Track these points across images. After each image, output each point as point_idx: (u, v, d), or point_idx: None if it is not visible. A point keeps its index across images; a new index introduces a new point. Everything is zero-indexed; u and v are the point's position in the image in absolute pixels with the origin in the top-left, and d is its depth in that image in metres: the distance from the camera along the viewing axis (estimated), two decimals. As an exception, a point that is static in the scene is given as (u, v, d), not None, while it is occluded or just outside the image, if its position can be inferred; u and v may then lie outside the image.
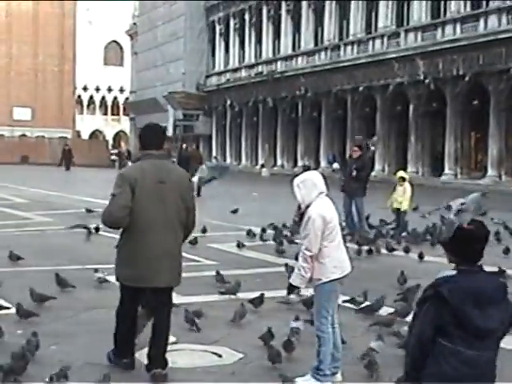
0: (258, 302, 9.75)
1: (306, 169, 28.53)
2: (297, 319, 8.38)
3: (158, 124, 7.68)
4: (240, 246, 15.45)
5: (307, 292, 9.11)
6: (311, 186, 6.97)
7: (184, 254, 14.16)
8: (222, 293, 10.57)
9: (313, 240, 6.83)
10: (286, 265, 12.04)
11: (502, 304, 4.24)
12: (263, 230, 17.17)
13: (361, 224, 17.74)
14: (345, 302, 9.71)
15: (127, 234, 6.98)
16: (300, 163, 56.10)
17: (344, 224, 17.74)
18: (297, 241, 14.86)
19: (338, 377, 7.09)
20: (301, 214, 7.21)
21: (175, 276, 7.16)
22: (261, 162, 62.43)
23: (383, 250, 15.37)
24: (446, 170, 44.23)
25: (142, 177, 6.86)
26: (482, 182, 39.97)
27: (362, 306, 9.74)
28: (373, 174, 45.67)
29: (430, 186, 38.77)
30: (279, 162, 61.43)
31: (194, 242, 15.30)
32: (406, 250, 15.05)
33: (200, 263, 13.70)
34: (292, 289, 7.30)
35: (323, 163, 53.16)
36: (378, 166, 49.25)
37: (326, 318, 6.96)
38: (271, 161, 62.10)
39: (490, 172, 41.27)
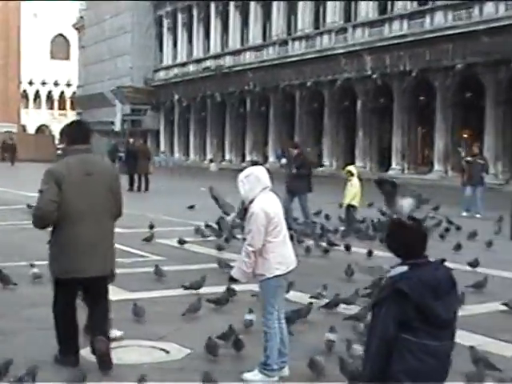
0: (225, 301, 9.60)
1: (254, 164, 28.60)
2: (250, 312, 8.37)
3: (82, 120, 7.73)
4: (181, 242, 15.21)
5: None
6: (255, 181, 6.92)
7: (130, 250, 14.21)
8: (186, 287, 10.39)
9: (255, 235, 6.78)
10: (220, 262, 12.22)
11: (454, 292, 4.32)
12: (207, 226, 17.06)
13: (307, 220, 17.82)
14: (311, 297, 9.74)
15: (58, 229, 7.04)
16: (248, 158, 56.16)
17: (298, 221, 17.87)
18: (238, 236, 14.84)
19: (286, 371, 7.07)
20: (245, 209, 7.18)
21: (109, 264, 7.25)
22: (209, 156, 62.32)
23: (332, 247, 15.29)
24: (394, 165, 44.55)
25: (68, 172, 6.97)
26: (429, 177, 40.35)
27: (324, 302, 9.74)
28: (321, 169, 46.43)
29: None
30: (227, 157, 61.36)
31: (150, 238, 15.17)
32: (347, 247, 14.84)
33: (147, 259, 13.59)
34: (233, 281, 7.41)
35: (271, 158, 53.26)
36: (326, 161, 49.50)
37: (272, 313, 6.94)
38: (219, 156, 62.04)
39: (437, 167, 41.66)
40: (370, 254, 13.99)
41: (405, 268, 4.32)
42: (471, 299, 10.11)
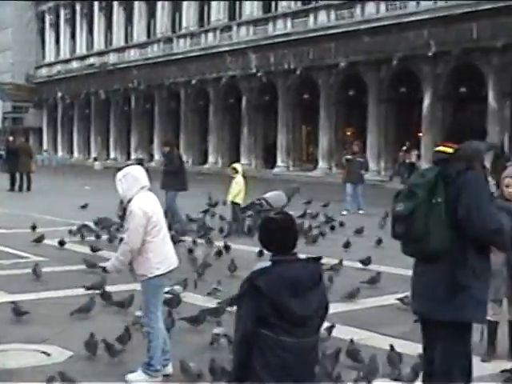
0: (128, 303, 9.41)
1: (139, 162, 28.36)
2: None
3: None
4: (62, 243, 14.74)
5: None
6: (132, 181, 6.89)
7: (11, 251, 13.89)
8: (88, 288, 10.15)
9: (133, 234, 6.74)
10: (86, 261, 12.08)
11: (318, 289, 4.36)
12: (84, 226, 16.78)
13: (176, 218, 17.72)
14: (208, 294, 9.76)
15: None
16: (133, 156, 55.61)
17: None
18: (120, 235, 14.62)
19: (169, 369, 7.05)
20: (124, 208, 7.11)
21: None
22: (93, 155, 61.56)
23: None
24: (279, 163, 44.93)
25: None
26: (314, 174, 40.85)
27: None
28: (206, 166, 46.53)
29: (263, 178, 39.20)
30: (112, 155, 60.68)
31: (39, 240, 14.80)
32: (227, 247, 14.43)
33: (28, 260, 13.26)
34: (105, 272, 7.61)
35: (157, 156, 52.94)
36: (211, 159, 49.56)
37: (155, 313, 6.92)
38: (104, 154, 61.27)
39: (321, 164, 42.22)
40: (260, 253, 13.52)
41: (268, 264, 4.35)
42: (365, 294, 10.35)
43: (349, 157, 23.42)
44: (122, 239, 7.03)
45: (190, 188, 18.54)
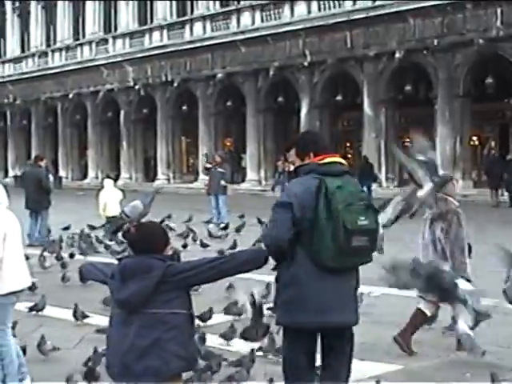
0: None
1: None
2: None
3: None
4: None
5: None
6: None
7: None
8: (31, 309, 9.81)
9: None
10: None
11: (137, 280, 4.72)
12: None
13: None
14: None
15: None
16: (12, 173, 54.35)
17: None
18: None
19: (28, 381, 6.93)
20: None
21: None
22: (-32, 172, 59.83)
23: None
24: (159, 175, 44.67)
25: None
26: (195, 185, 40.73)
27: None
28: (86, 181, 45.99)
29: (144, 191, 38.84)
30: (-12, 173, 59.12)
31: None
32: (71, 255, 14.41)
33: None
34: None
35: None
36: (91, 173, 48.90)
37: (5, 330, 6.78)
38: (-20, 171, 59.65)
39: (202, 175, 42.03)
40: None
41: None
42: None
43: (209, 166, 23.01)
44: None
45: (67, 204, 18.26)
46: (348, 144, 39.77)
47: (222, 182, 22.42)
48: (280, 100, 39.03)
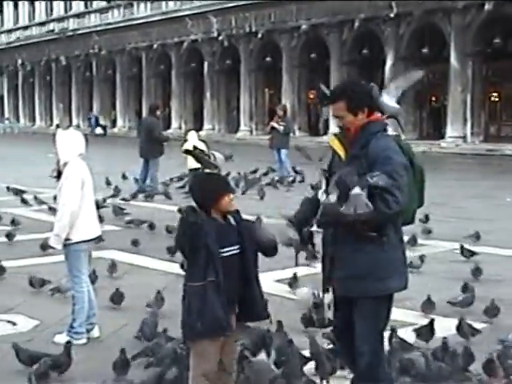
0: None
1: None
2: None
3: None
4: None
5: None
6: (71, 145, 6.96)
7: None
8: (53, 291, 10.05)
9: (72, 197, 6.79)
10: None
11: None
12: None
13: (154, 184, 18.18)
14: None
15: None
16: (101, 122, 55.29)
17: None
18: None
19: (96, 333, 7.12)
20: (58, 171, 7.10)
21: None
22: (56, 122, 60.95)
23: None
24: (242, 127, 44.83)
25: None
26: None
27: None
28: (169, 131, 46.42)
29: (227, 142, 39.14)
30: (75, 122, 60.14)
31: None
32: None
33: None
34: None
35: (120, 122, 52.54)
36: (174, 124, 49.32)
37: (79, 277, 6.99)
38: (66, 121, 60.72)
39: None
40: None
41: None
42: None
43: (274, 124, 22.46)
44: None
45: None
46: (433, 98, 39.24)
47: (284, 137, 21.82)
48: (365, 52, 38.62)
